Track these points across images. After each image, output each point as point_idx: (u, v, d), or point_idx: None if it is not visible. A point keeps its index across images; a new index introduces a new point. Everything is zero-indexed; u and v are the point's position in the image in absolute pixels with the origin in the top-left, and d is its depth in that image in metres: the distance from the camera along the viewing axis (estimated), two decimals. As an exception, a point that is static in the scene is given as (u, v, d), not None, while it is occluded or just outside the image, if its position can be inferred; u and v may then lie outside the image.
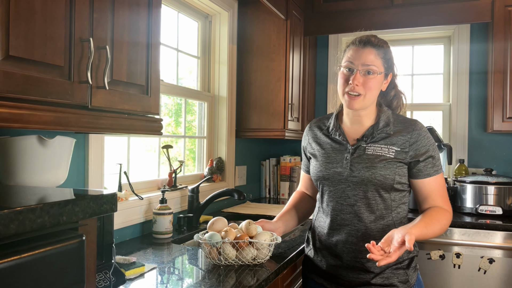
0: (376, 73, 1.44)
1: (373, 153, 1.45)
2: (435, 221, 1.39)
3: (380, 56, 1.46)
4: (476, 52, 3.07)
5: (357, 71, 1.43)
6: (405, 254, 1.45)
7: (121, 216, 1.80)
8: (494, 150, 3.02)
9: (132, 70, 1.25)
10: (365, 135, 1.49)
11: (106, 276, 1.17)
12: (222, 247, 1.46)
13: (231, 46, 2.76)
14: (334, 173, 1.49)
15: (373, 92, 1.46)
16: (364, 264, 1.43)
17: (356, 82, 1.43)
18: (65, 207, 0.69)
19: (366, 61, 1.43)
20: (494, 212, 2.48)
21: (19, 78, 0.89)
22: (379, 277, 1.43)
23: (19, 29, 0.88)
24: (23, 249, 0.63)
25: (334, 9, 3.01)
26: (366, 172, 1.43)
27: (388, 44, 1.51)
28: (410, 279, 1.45)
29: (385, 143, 1.46)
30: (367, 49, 1.44)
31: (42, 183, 1.16)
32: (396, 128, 1.48)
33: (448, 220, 1.44)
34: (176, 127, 2.51)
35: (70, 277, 0.71)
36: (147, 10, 1.32)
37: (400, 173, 1.44)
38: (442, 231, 1.42)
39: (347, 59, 1.47)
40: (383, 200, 1.44)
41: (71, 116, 1.03)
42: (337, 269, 1.49)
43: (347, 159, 1.48)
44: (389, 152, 1.44)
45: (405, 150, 1.44)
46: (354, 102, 1.45)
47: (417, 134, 1.45)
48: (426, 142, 1.45)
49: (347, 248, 1.46)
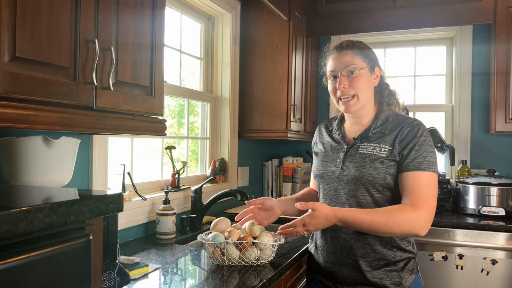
0: (357, 69, 1.47)
1: (365, 152, 1.46)
2: (379, 212, 1.34)
3: (357, 54, 1.49)
4: (479, 53, 3.07)
5: (340, 75, 1.48)
6: (399, 254, 1.44)
7: (124, 216, 1.81)
8: (497, 151, 3.02)
9: (136, 71, 1.26)
10: (361, 135, 1.51)
11: (111, 276, 1.18)
12: (225, 247, 1.47)
13: (234, 47, 2.77)
14: (328, 172, 1.53)
15: (363, 90, 1.48)
16: (356, 261, 1.44)
17: (342, 85, 1.47)
18: (72, 207, 0.70)
19: (345, 63, 1.48)
20: (497, 213, 2.48)
21: (25, 79, 0.89)
22: (371, 276, 1.43)
23: (25, 31, 0.89)
24: (32, 248, 0.63)
25: (337, 10, 3.02)
26: (356, 171, 1.44)
27: (364, 44, 1.54)
28: (404, 281, 1.43)
29: (378, 142, 1.46)
30: (342, 53, 1.50)
31: (47, 183, 1.17)
32: (393, 127, 1.48)
33: (408, 218, 1.32)
34: (179, 128, 2.51)
35: (77, 276, 0.72)
36: (151, 11, 1.32)
37: (392, 172, 1.42)
38: (396, 228, 1.32)
39: (329, 69, 1.53)
40: (374, 200, 1.44)
41: (76, 117, 1.03)
42: (332, 265, 1.51)
43: (340, 158, 1.51)
44: (381, 151, 1.44)
45: (395, 147, 1.43)
46: (349, 105, 1.49)
47: (408, 130, 1.43)
48: (413, 138, 1.41)
49: (340, 244, 1.48)
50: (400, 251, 1.44)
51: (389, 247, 1.43)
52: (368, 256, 1.43)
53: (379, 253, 1.43)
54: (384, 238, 1.43)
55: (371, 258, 1.43)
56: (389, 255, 1.43)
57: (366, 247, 1.44)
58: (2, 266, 0.58)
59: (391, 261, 1.43)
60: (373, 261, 1.43)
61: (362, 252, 1.44)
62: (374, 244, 1.43)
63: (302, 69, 2.98)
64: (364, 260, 1.43)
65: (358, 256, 1.44)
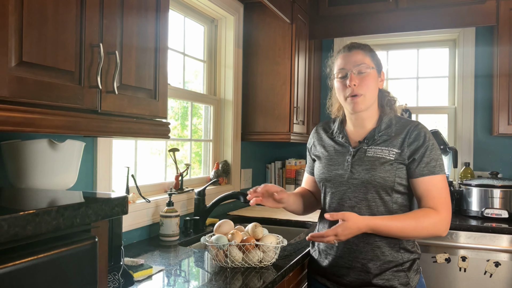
0: (368, 68, 1.48)
1: (374, 155, 1.47)
2: (408, 218, 1.39)
3: (368, 55, 1.51)
4: (482, 55, 3.07)
5: (351, 73, 1.48)
6: (406, 256, 1.46)
7: (128, 218, 1.82)
8: (500, 153, 3.02)
9: (140, 75, 1.27)
10: (367, 138, 1.51)
11: (115, 278, 1.19)
12: (228, 249, 1.47)
13: (237, 49, 2.78)
14: (336, 175, 1.52)
15: (371, 89, 1.49)
16: (365, 264, 1.45)
17: (353, 82, 1.47)
18: (78, 210, 0.71)
19: (356, 61, 1.48)
20: (500, 215, 2.48)
21: (32, 83, 0.91)
22: (379, 278, 1.44)
23: (32, 36, 0.90)
24: (39, 250, 0.65)
25: (339, 13, 3.03)
26: (366, 174, 1.45)
27: (371, 47, 1.56)
28: (411, 281, 1.45)
29: (385, 145, 1.48)
30: (353, 51, 1.51)
31: (53, 186, 1.18)
32: (398, 130, 1.50)
33: (433, 221, 1.39)
34: (182, 130, 2.53)
35: (83, 278, 0.73)
36: (155, 14, 1.33)
37: (401, 175, 1.45)
38: (423, 231, 1.39)
39: (338, 67, 1.53)
40: (383, 202, 1.46)
41: (81, 120, 1.05)
42: (338, 269, 1.51)
43: (348, 161, 1.51)
44: (389, 154, 1.45)
45: (404, 150, 1.45)
46: (357, 103, 1.48)
47: (415, 134, 1.46)
48: (423, 142, 1.45)
49: (348, 248, 1.48)
50: (407, 252, 1.47)
51: (397, 249, 1.45)
52: (377, 259, 1.44)
53: (387, 256, 1.44)
54: (392, 240, 1.45)
55: (380, 261, 1.44)
56: (397, 256, 1.45)
57: (376, 250, 1.45)
58: (12, 267, 0.59)
59: (399, 263, 1.45)
60: (382, 264, 1.44)
61: (371, 255, 1.45)
62: (383, 247, 1.44)
63: (305, 71, 2.99)
64: (374, 263, 1.44)
65: (367, 260, 1.45)
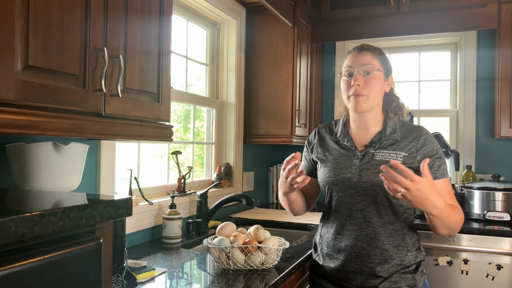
0: (374, 70, 1.49)
1: (382, 159, 1.47)
2: (454, 211, 1.40)
3: (377, 57, 1.52)
4: (483, 59, 3.07)
5: (357, 73, 1.49)
6: (413, 258, 1.47)
7: (131, 221, 1.83)
8: (502, 156, 3.02)
9: (144, 78, 1.28)
10: (373, 141, 1.52)
11: (119, 280, 1.20)
12: (231, 251, 1.48)
13: (239, 53, 2.79)
14: (343, 179, 1.51)
15: (376, 92, 1.49)
16: (373, 268, 1.45)
17: (357, 82, 1.48)
18: (84, 211, 0.72)
19: (364, 62, 1.50)
20: (502, 218, 2.48)
21: (37, 87, 0.92)
22: (387, 281, 1.44)
23: (37, 40, 0.92)
24: (46, 250, 0.66)
25: (341, 16, 3.04)
26: (376, 178, 1.45)
27: (383, 51, 1.57)
28: (418, 283, 1.47)
29: (393, 149, 1.49)
30: (363, 53, 1.52)
31: (57, 188, 1.20)
32: (403, 134, 1.51)
33: (461, 216, 1.43)
34: (185, 133, 2.54)
35: (88, 278, 0.74)
36: (159, 18, 1.35)
37: None
38: (456, 225, 1.41)
39: (346, 66, 1.54)
40: (391, 205, 1.47)
41: (85, 123, 1.06)
42: (345, 273, 1.50)
43: (356, 165, 1.50)
44: (397, 158, 1.46)
45: (412, 155, 1.47)
46: (359, 102, 1.48)
47: (424, 139, 1.49)
48: (433, 147, 1.49)
49: (355, 252, 1.48)
50: (413, 254, 1.48)
51: (405, 252, 1.46)
52: (385, 263, 1.45)
53: (395, 259, 1.45)
54: (399, 243, 1.46)
55: (388, 264, 1.45)
56: (404, 259, 1.46)
57: (384, 253, 1.45)
58: (20, 267, 0.61)
59: (406, 265, 1.46)
60: (390, 267, 1.45)
61: (380, 258, 1.45)
62: (390, 250, 1.45)
63: (307, 74, 3.00)
64: (381, 266, 1.45)
65: (375, 263, 1.45)
